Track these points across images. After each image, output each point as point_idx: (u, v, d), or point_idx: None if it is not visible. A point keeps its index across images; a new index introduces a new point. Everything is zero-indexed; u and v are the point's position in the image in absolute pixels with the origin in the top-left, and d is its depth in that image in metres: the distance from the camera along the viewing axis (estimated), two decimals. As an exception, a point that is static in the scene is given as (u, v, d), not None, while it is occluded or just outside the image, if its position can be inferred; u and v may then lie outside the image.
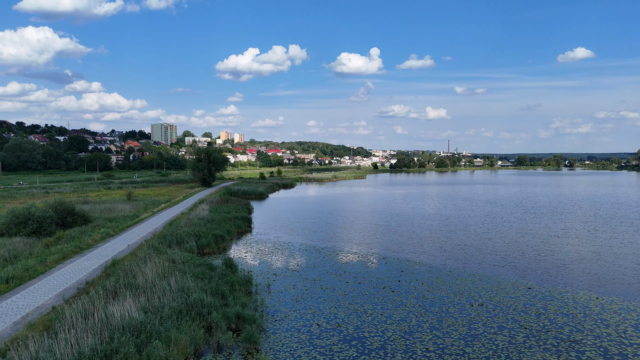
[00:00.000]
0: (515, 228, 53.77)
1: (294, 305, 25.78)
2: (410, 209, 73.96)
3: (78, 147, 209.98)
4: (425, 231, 51.39)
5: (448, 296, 27.52)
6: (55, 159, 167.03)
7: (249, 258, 37.79)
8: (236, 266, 32.10)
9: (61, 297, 23.87)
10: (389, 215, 64.97)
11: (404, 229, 53.09)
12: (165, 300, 22.66)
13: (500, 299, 27.05)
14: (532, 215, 66.11)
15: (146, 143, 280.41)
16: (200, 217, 51.25)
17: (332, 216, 64.32)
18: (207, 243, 39.70)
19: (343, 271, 33.43)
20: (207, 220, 49.54)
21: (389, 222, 58.12)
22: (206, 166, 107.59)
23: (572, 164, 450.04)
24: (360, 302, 26.25)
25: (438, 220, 60.54)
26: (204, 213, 56.00)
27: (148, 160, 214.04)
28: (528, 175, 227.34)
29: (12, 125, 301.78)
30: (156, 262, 30.10)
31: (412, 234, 49.73)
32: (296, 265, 35.35)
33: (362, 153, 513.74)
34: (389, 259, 37.56)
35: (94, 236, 40.23)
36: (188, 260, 31.17)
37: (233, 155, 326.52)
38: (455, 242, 44.72)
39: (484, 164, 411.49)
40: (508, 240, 46.12)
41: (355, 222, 59.03)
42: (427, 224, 56.60)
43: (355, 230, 52.02)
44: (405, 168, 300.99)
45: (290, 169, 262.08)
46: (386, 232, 50.98)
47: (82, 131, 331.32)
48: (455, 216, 64.48)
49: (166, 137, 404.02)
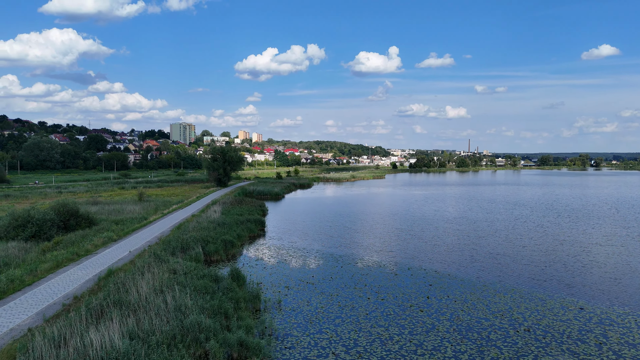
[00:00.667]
0: (551, 234, 49.28)
1: (307, 327, 22.30)
2: (433, 211, 69.81)
3: (97, 147, 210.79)
4: (451, 237, 47.37)
5: (487, 318, 23.67)
6: (73, 158, 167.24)
7: (260, 267, 34.46)
8: (244, 277, 28.81)
9: (42, 316, 20.90)
10: (411, 219, 61.01)
11: (428, 234, 49.14)
12: (157, 322, 19.43)
13: (549, 322, 23.08)
14: (567, 219, 61.29)
15: (164, 142, 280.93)
16: (211, 220, 48.21)
17: (350, 219, 60.69)
18: (215, 249, 36.56)
19: (363, 284, 29.82)
20: (218, 224, 46.48)
21: (411, 227, 54.21)
22: (221, 166, 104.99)
23: (599, 163, 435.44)
24: (384, 325, 22.62)
25: (464, 224, 56.34)
26: (215, 215, 53.01)
27: (165, 159, 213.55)
28: (553, 176, 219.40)
29: (34, 124, 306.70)
30: (155, 272, 27.02)
31: (437, 240, 45.77)
32: (311, 276, 31.87)
33: (381, 152, 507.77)
34: (414, 269, 33.78)
35: (95, 241, 37.48)
36: (191, 271, 27.98)
37: (250, 154, 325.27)
38: (486, 250, 40.64)
39: (506, 163, 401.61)
40: (545, 248, 41.79)
41: (375, 226, 55.28)
42: (453, 229, 52.50)
43: (375, 236, 48.31)
44: (425, 168, 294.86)
45: (308, 169, 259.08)
46: (409, 237, 47.12)
47: (103, 131, 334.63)
48: (482, 220, 60.14)
49: (185, 137, 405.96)
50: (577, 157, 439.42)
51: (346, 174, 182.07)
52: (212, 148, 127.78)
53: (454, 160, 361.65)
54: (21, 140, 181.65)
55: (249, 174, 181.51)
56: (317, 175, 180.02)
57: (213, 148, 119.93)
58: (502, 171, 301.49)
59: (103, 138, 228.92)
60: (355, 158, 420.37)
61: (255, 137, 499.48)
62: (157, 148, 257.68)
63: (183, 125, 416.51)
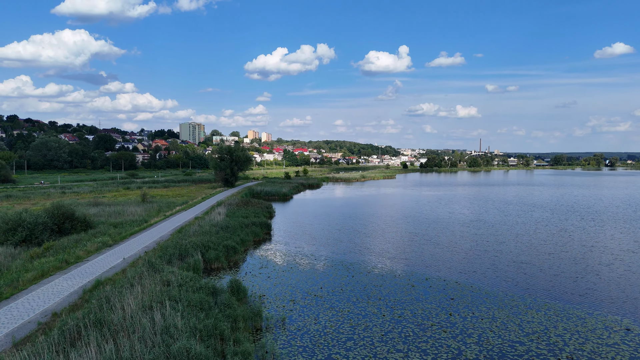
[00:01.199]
0: (577, 240, 45.89)
1: (315, 352, 19.46)
2: (447, 213, 66.59)
3: (105, 146, 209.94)
4: (469, 242, 44.22)
5: (521, 341, 20.64)
6: (81, 157, 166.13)
7: (263, 276, 31.68)
8: (245, 290, 26.08)
9: (10, 339, 18.31)
10: (425, 222, 57.88)
11: (444, 239, 46.03)
12: (140, 348, 16.73)
13: (593, 348, 19.99)
14: (591, 222, 57.72)
15: (173, 142, 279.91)
16: (214, 224, 45.59)
17: (360, 222, 57.73)
18: (216, 256, 33.87)
19: (377, 298, 26.90)
20: (221, 227, 43.85)
21: (425, 230, 51.12)
22: (228, 165, 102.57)
23: (613, 163, 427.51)
24: (403, 350, 19.70)
25: (482, 227, 53.11)
26: (219, 218, 50.40)
27: (174, 159, 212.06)
28: (568, 176, 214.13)
29: (44, 124, 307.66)
30: (146, 284, 24.39)
31: (454, 246, 42.66)
32: (319, 287, 29.02)
33: (391, 152, 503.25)
34: (432, 280, 30.78)
35: (88, 247, 35.02)
36: (186, 282, 25.28)
37: (259, 154, 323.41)
38: (509, 258, 37.47)
39: (518, 163, 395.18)
40: (573, 256, 38.50)
41: (386, 229, 52.28)
42: (471, 233, 49.32)
43: (388, 241, 45.31)
44: (436, 168, 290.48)
45: (317, 168, 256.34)
46: (424, 243, 44.07)
47: (112, 130, 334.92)
48: (500, 223, 56.82)
49: (194, 136, 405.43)
50: (591, 157, 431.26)
51: (356, 174, 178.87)
52: (219, 147, 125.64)
53: (465, 160, 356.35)
54: (30, 140, 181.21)
55: (258, 174, 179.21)
56: (326, 175, 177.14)
57: (220, 147, 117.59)
58: (514, 171, 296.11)
59: (112, 138, 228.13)
60: (365, 158, 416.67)
61: (264, 137, 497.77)
62: (165, 148, 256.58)
63: (192, 125, 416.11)
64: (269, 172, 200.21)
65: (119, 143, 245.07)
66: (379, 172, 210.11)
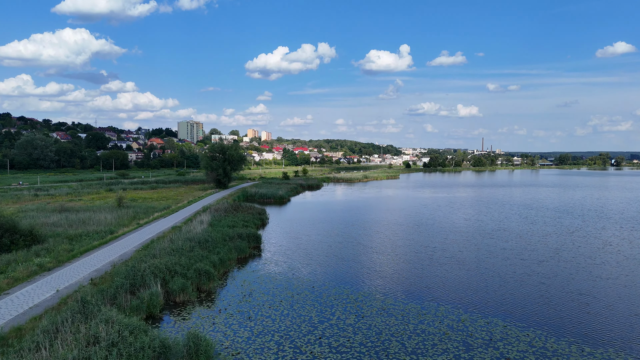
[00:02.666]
0: (633, 257, 37.84)
1: None
2: (463, 220, 58.60)
3: (97, 145, 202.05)
4: (501, 261, 36.23)
5: None
6: (69, 156, 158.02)
7: (242, 317, 23.65)
8: (211, 345, 18.13)
9: None
10: (441, 232, 49.89)
11: (469, 256, 38.03)
12: None
13: None
14: (638, 233, 49.72)
15: (169, 140, 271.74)
16: (190, 237, 37.58)
17: (366, 233, 49.76)
18: (182, 287, 25.85)
19: (400, 353, 18.87)
20: (199, 242, 35.90)
21: (444, 244, 43.12)
22: (221, 165, 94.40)
23: (619, 163, 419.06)
24: None
25: (509, 239, 45.11)
26: (199, 229, 42.42)
27: (169, 158, 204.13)
28: (577, 176, 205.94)
29: (38, 122, 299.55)
30: (59, 346, 16.45)
31: (485, 266, 34.67)
32: (317, 338, 20.99)
33: (392, 151, 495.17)
34: (470, 322, 22.75)
35: (17, 271, 27.06)
36: (123, 338, 17.31)
37: (258, 153, 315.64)
38: (559, 284, 29.47)
39: (522, 162, 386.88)
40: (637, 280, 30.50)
41: (398, 243, 44.29)
42: (498, 248, 41.32)
43: (402, 259, 37.31)
44: (439, 167, 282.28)
45: (317, 168, 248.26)
46: (446, 262, 36.09)
47: (109, 129, 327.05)
48: (529, 233, 48.81)
49: (192, 135, 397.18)
50: (597, 156, 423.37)
51: (358, 174, 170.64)
52: (210, 145, 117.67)
53: (468, 159, 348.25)
54: (17, 138, 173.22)
55: (256, 174, 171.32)
56: (326, 175, 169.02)
57: (212, 146, 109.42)
58: (519, 170, 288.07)
59: (104, 136, 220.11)
60: (366, 157, 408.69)
61: (264, 136, 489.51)
62: (161, 147, 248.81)
63: (190, 123, 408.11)
64: (267, 171, 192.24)
65: (113, 141, 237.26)
66: (382, 172, 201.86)
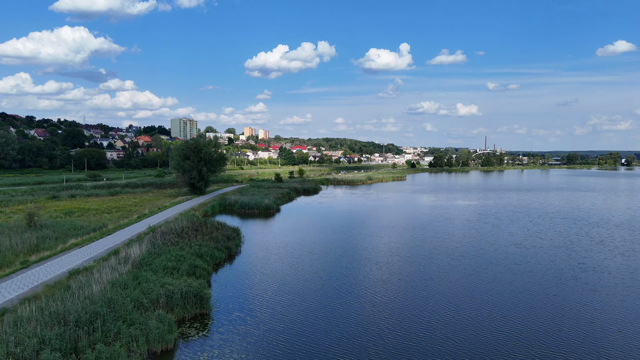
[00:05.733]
0: None
1: None
2: (513, 246, 41.59)
3: (73, 143, 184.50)
4: (574, 304, 19.20)
5: None
6: (35, 155, 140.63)
7: None
8: None
9: None
10: (486, 265, 32.77)
11: (536, 310, 20.98)
12: None
13: None
14: None
15: (156, 138, 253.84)
16: (74, 305, 20.52)
17: (378, 266, 32.61)
18: None
19: None
20: (78, 320, 18.87)
21: (494, 286, 26.01)
22: (195, 166, 77.17)
23: (630, 162, 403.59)
24: None
25: (573, 268, 27.99)
26: (109, 277, 25.29)
27: (152, 157, 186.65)
28: (592, 177, 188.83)
29: (20, 119, 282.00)
30: None
31: (553, 324, 17.61)
32: None
33: (393, 150, 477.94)
34: None
35: None
36: None
37: (253, 152, 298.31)
38: None
39: (529, 162, 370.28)
40: None
41: (432, 286, 27.16)
42: (561, 281, 24.24)
43: (444, 319, 20.24)
44: (446, 167, 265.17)
45: (316, 167, 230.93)
46: (502, 318, 19.04)
47: (97, 126, 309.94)
48: (589, 262, 31.67)
49: (186, 133, 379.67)
50: (607, 155, 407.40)
51: (360, 175, 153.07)
52: (183, 143, 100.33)
53: (472, 158, 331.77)
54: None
55: (248, 174, 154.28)
56: (325, 176, 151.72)
57: (185, 143, 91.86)
58: (529, 170, 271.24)
59: (81, 133, 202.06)
60: (367, 156, 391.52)
61: (261, 134, 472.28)
62: (147, 145, 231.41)
63: (184, 120, 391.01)
64: (260, 172, 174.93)
65: (94, 139, 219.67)
66: (387, 172, 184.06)
